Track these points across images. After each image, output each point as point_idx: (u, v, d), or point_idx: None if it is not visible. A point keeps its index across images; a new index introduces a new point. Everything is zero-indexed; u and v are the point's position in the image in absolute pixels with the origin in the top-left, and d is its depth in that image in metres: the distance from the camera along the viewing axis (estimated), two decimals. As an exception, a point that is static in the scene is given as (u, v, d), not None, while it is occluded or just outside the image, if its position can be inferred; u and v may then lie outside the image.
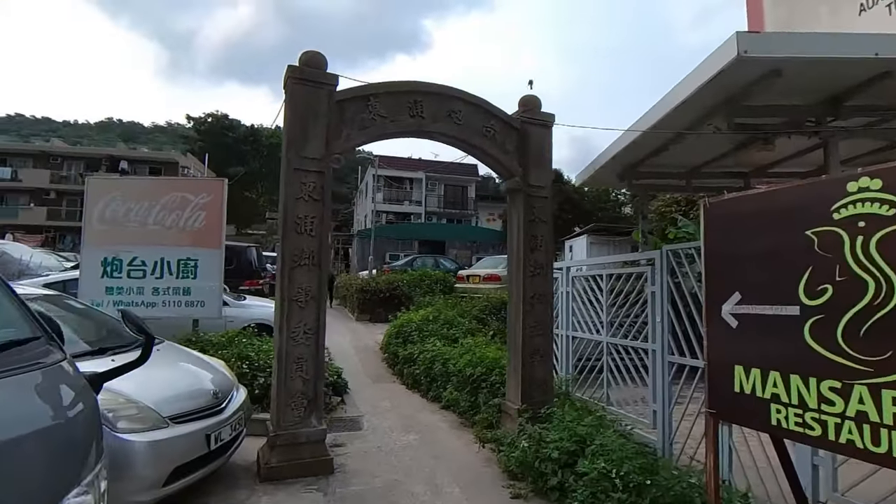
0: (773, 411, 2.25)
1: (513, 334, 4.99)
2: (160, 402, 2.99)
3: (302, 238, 4.07)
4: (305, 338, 4.00)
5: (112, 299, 5.94)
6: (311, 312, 4.04)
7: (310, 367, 4.01)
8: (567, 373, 6.13)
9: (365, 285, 13.48)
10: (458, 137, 4.73)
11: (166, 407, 3.00)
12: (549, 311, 5.03)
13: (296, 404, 3.93)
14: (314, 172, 4.14)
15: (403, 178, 41.24)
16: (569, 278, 6.24)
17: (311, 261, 4.07)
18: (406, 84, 4.54)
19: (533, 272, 4.93)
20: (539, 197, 4.99)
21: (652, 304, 4.63)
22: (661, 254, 4.48)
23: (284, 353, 3.93)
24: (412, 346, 7.58)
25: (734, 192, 2.61)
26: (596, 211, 28.77)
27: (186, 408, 3.13)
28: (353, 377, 7.43)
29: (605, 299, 5.45)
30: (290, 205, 4.06)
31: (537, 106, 5.04)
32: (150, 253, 6.00)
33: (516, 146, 4.98)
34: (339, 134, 4.28)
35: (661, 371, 4.44)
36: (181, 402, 3.12)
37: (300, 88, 4.13)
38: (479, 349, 6.32)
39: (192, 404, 3.19)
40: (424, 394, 6.56)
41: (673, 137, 4.10)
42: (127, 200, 6.03)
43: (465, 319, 8.75)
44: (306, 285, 4.04)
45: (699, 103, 3.51)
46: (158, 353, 3.74)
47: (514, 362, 4.93)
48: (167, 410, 2.99)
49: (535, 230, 4.96)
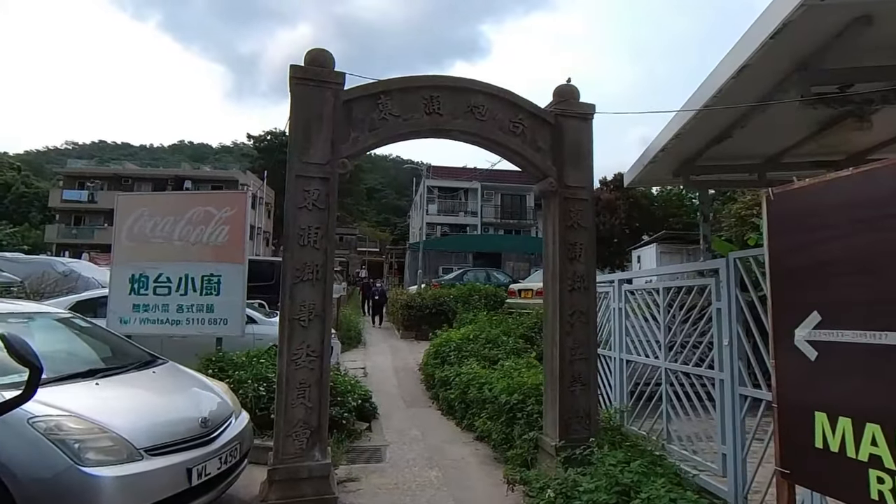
0: (874, 480, 1.68)
1: (549, 359, 4.50)
2: (136, 430, 2.84)
3: (305, 251, 3.87)
4: (308, 361, 3.77)
5: (139, 317, 6.09)
6: (314, 333, 3.81)
7: (313, 394, 3.77)
8: (621, 402, 5.50)
9: (410, 301, 13.31)
10: (480, 135, 4.38)
11: (142, 436, 2.84)
12: (591, 331, 4.50)
13: (297, 435, 3.69)
14: (318, 179, 3.94)
15: (458, 188, 41.24)
16: (621, 293, 5.63)
17: (316, 275, 3.86)
18: (419, 79, 4.27)
19: (572, 286, 4.43)
20: (577, 199, 4.51)
21: (717, 324, 3.99)
22: (728, 263, 3.85)
23: (285, 377, 3.71)
24: (449, 368, 7.22)
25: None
26: (667, 217, 27.09)
27: (167, 437, 2.97)
28: (387, 400, 7.19)
29: (662, 317, 4.82)
30: (292, 214, 3.88)
31: (574, 96, 4.59)
32: (175, 269, 6.10)
33: (550, 142, 4.55)
34: (347, 136, 4.07)
35: (730, 406, 3.78)
36: (160, 431, 2.96)
37: (303, 89, 3.97)
38: (519, 373, 5.85)
39: (174, 433, 3.02)
40: (459, 421, 6.16)
41: (735, 119, 3.47)
42: (154, 216, 6.20)
43: (509, 338, 8.26)
44: (310, 302, 3.82)
45: (763, 70, 2.90)
46: (150, 376, 3.67)
47: (550, 392, 4.43)
48: (143, 440, 2.83)
49: (574, 237, 4.47)
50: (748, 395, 3.61)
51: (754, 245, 6.71)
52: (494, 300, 13.19)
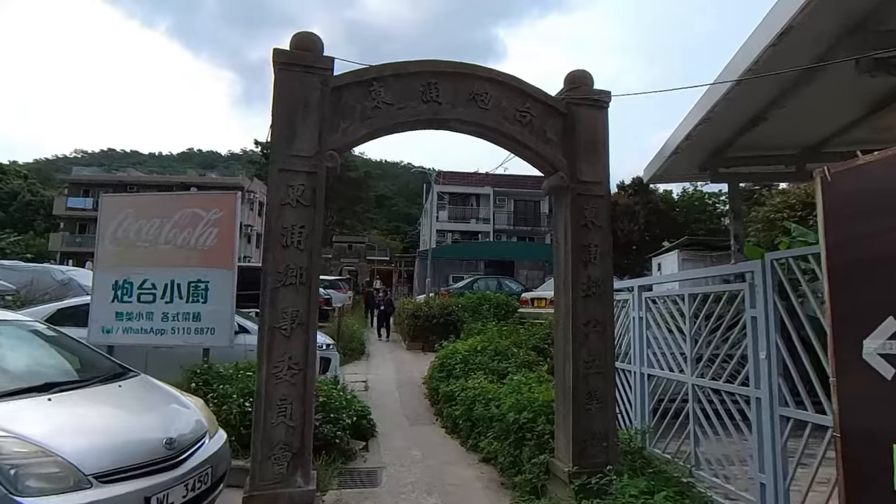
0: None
1: (561, 373, 4.16)
2: (86, 454, 2.58)
3: (288, 252, 3.60)
4: (290, 374, 3.49)
5: (122, 326, 5.88)
6: (298, 343, 3.52)
7: (296, 412, 3.47)
8: (642, 421, 5.12)
9: (417, 310, 13.00)
10: (484, 125, 4.09)
11: (93, 461, 2.57)
12: (608, 342, 4.16)
13: (277, 458, 3.40)
14: (304, 173, 3.68)
15: (469, 194, 40.98)
16: (641, 300, 5.27)
17: (300, 279, 3.58)
18: (416, 64, 4.00)
19: (586, 292, 4.10)
20: (591, 196, 4.18)
21: (753, 335, 3.63)
22: (764, 265, 3.49)
23: (265, 393, 3.43)
24: (454, 382, 6.89)
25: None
26: (689, 223, 26.53)
27: (123, 461, 2.69)
28: (388, 417, 6.87)
29: (688, 327, 4.46)
30: (274, 212, 3.61)
31: (587, 82, 4.29)
32: (161, 275, 5.88)
33: (561, 133, 4.24)
34: (336, 127, 3.81)
35: (769, 428, 3.40)
36: (116, 455, 2.69)
37: (287, 75, 3.72)
38: (529, 388, 5.50)
39: (133, 457, 2.75)
40: (463, 441, 5.82)
41: (772, 99, 3.13)
42: (139, 218, 6.00)
43: (520, 350, 7.91)
44: (292, 309, 3.54)
45: (808, 33, 2.54)
46: (114, 391, 3.41)
47: (562, 410, 4.09)
48: (94, 465, 2.56)
49: (588, 238, 4.14)
50: (791, 416, 3.24)
51: (787, 249, 6.31)
52: (506, 310, 12.83)
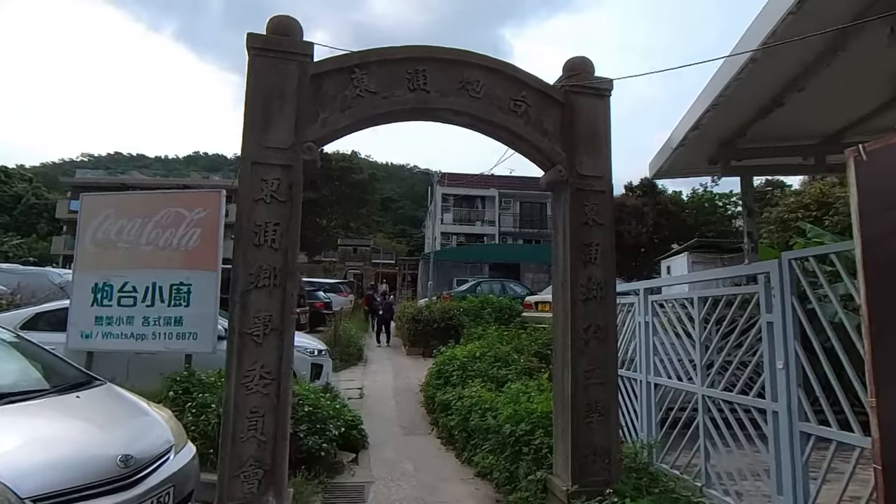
0: None
1: (560, 383, 3.89)
2: (23, 474, 2.34)
3: (261, 252, 3.36)
4: (262, 384, 3.24)
5: (101, 330, 5.66)
6: (271, 350, 3.28)
7: (268, 425, 3.23)
8: (648, 434, 4.83)
9: (417, 314, 12.74)
10: (475, 115, 3.84)
11: (31, 482, 2.34)
12: (611, 349, 3.88)
13: (247, 475, 3.15)
14: (279, 167, 3.45)
15: (474, 196, 40.74)
16: (647, 304, 5.00)
17: (273, 280, 3.34)
18: (402, 50, 3.76)
19: (586, 295, 3.83)
20: (592, 191, 3.92)
21: (769, 342, 3.35)
22: (781, 266, 3.21)
23: (233, 404, 3.19)
24: (451, 390, 6.62)
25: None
26: (699, 225, 26.12)
27: (69, 482, 2.45)
28: (381, 426, 6.61)
29: (697, 333, 4.18)
30: (245, 208, 3.38)
31: (587, 69, 4.03)
32: (142, 277, 5.66)
33: (559, 124, 3.98)
34: (314, 117, 3.58)
35: (787, 445, 3.12)
36: (60, 474, 2.45)
37: (263, 61, 3.50)
38: (528, 397, 5.22)
39: (81, 476, 2.51)
40: (459, 453, 5.54)
41: (791, 80, 2.84)
42: (120, 218, 5.79)
43: (521, 356, 7.63)
44: (265, 313, 3.30)
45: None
46: (70, 402, 3.18)
47: (561, 423, 3.82)
48: (31, 487, 2.32)
49: (589, 236, 3.88)
50: (812, 433, 2.95)
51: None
52: (508, 313, 12.53)
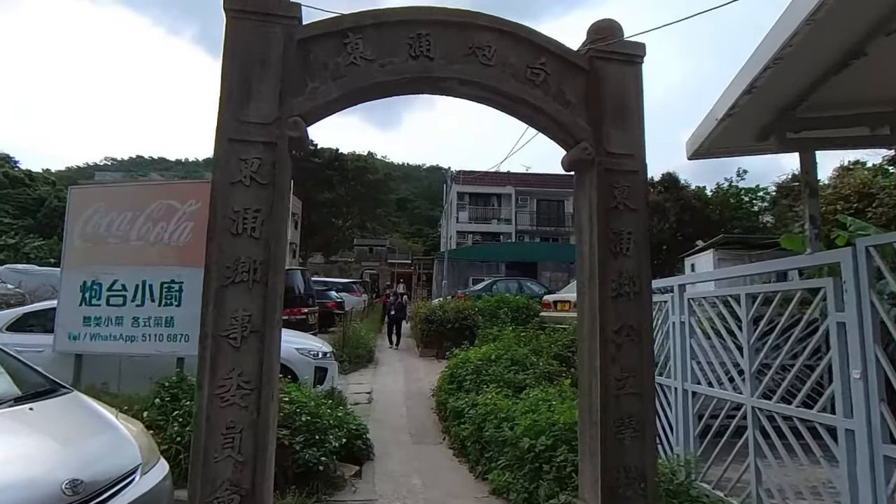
0: None
1: (586, 393, 3.37)
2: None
3: (240, 241, 2.93)
4: (240, 395, 2.80)
5: (90, 332, 5.34)
6: (250, 355, 2.84)
7: (246, 443, 2.78)
8: (685, 448, 4.29)
9: (430, 314, 12.28)
10: (485, 85, 3.34)
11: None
12: (647, 353, 3.35)
13: (221, 500, 2.71)
14: (260, 144, 3.00)
15: (490, 194, 40.21)
16: (683, 302, 4.45)
17: (253, 276, 2.91)
18: (403, 11, 3.29)
19: (618, 290, 3.31)
20: (623, 171, 3.39)
21: (840, 347, 2.80)
22: (857, 254, 2.66)
23: (205, 418, 2.75)
24: (465, 396, 6.14)
25: None
26: (724, 221, 25.17)
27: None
28: (389, 434, 6.17)
29: (746, 335, 3.63)
30: (221, 192, 2.94)
31: (615, 33, 3.50)
32: (132, 275, 5.32)
33: (583, 95, 3.46)
34: (302, 87, 3.12)
35: (867, 471, 2.57)
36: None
37: (242, 24, 3.05)
38: (549, 406, 4.72)
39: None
40: (472, 466, 5.06)
41: (872, 26, 2.28)
42: (110, 211, 5.46)
43: (539, 359, 7.12)
44: (243, 313, 2.87)
45: None
46: (19, 416, 2.78)
47: (588, 439, 3.30)
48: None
49: (619, 223, 3.35)
50: None
51: (845, 246, 5.33)
52: (526, 313, 12.02)
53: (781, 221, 24.46)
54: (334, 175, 55.05)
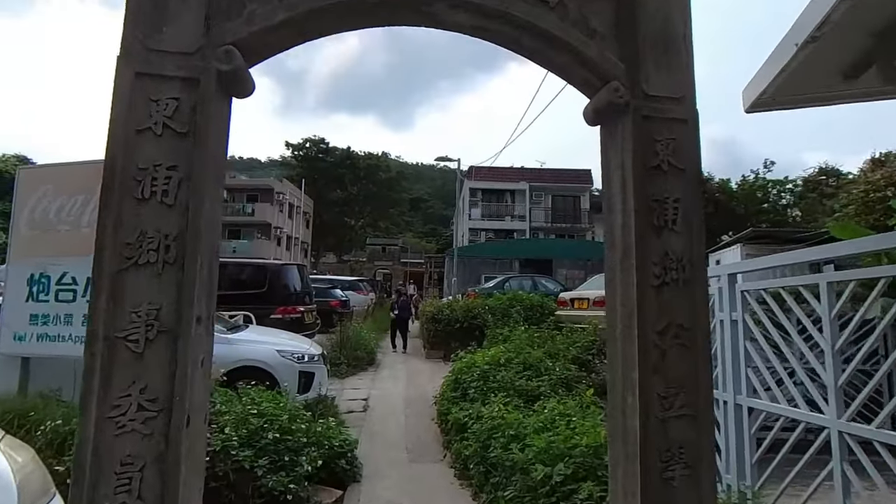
0: None
1: (619, 415, 2.53)
2: None
3: (145, 209, 2.16)
4: (142, 419, 2.03)
5: (36, 332, 4.67)
6: (157, 364, 2.07)
7: (150, 483, 2.01)
8: (739, 476, 3.45)
9: (437, 313, 11.52)
10: (484, 10, 2.54)
11: None
12: (703, 363, 2.51)
13: (111, 569, 1.95)
14: (178, 80, 2.23)
15: (503, 190, 39.38)
16: (735, 295, 3.61)
17: (164, 255, 2.13)
18: None
19: (662, 278, 2.46)
20: (667, 119, 2.55)
21: None
22: None
23: (91, 451, 1.99)
24: (469, 406, 5.35)
25: None
26: (750, 215, 24.02)
27: None
28: (383, 450, 5.42)
29: (829, 338, 2.78)
30: (121, 142, 2.18)
31: (655, -59, 2.68)
32: (83, 266, 4.60)
33: (612, 23, 2.63)
34: (240, 9, 2.34)
35: None
36: None
37: (155, -79, 2.30)
38: (568, 422, 3.91)
39: None
40: (476, 492, 4.28)
41: None
42: (59, 194, 4.79)
43: (556, 363, 6.30)
44: (148, 307, 2.09)
45: None
46: None
47: (621, 476, 2.47)
48: None
49: (664, 188, 2.51)
50: None
51: None
52: (540, 312, 11.18)
53: (811, 215, 23.23)
54: (346, 173, 54.72)
